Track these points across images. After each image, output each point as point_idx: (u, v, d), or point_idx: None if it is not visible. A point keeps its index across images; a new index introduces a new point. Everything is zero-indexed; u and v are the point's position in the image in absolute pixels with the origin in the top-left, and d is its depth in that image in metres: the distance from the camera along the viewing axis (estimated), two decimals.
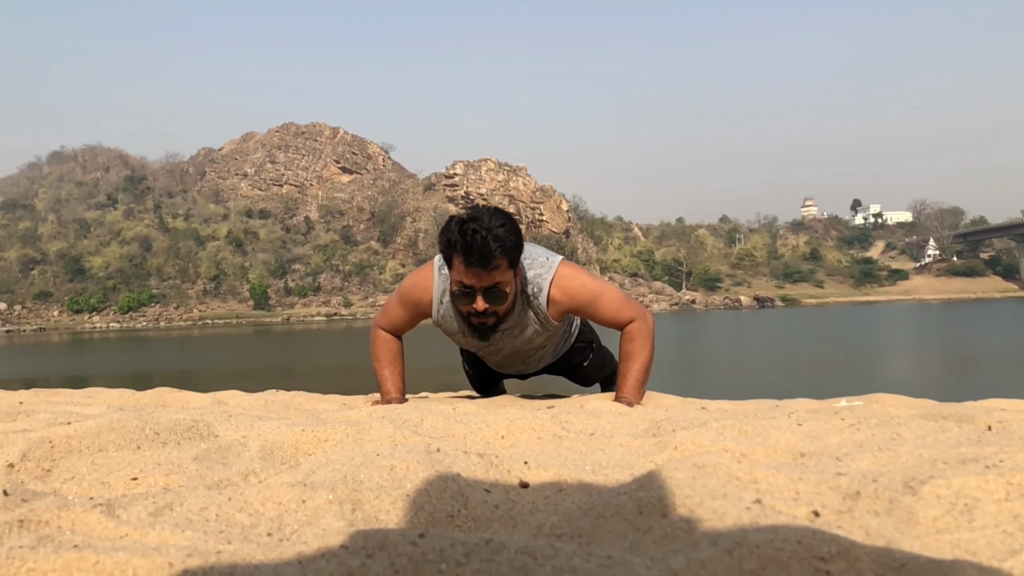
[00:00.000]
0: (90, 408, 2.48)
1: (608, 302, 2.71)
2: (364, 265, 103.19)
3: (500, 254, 2.39)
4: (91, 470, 1.38)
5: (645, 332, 2.72)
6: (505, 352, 2.89)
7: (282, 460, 1.55)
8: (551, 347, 3.00)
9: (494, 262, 2.39)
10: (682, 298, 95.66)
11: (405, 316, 2.84)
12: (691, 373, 15.48)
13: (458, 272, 2.46)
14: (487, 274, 2.42)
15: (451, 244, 2.43)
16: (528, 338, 2.78)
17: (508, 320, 2.67)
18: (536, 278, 2.66)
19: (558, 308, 2.69)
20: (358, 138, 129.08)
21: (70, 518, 0.98)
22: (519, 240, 2.49)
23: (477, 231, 2.37)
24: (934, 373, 14.35)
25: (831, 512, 1.04)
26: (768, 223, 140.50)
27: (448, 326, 2.77)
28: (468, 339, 2.79)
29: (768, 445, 1.58)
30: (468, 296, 2.49)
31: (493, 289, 2.47)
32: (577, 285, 2.69)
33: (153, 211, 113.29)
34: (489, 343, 2.77)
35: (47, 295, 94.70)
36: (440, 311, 2.73)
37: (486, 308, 2.51)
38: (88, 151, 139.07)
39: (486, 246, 2.36)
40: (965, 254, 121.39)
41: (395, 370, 2.87)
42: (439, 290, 2.71)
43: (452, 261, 2.47)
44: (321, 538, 0.84)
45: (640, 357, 2.70)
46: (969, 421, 1.94)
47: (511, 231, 2.45)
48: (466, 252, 2.38)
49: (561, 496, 1.21)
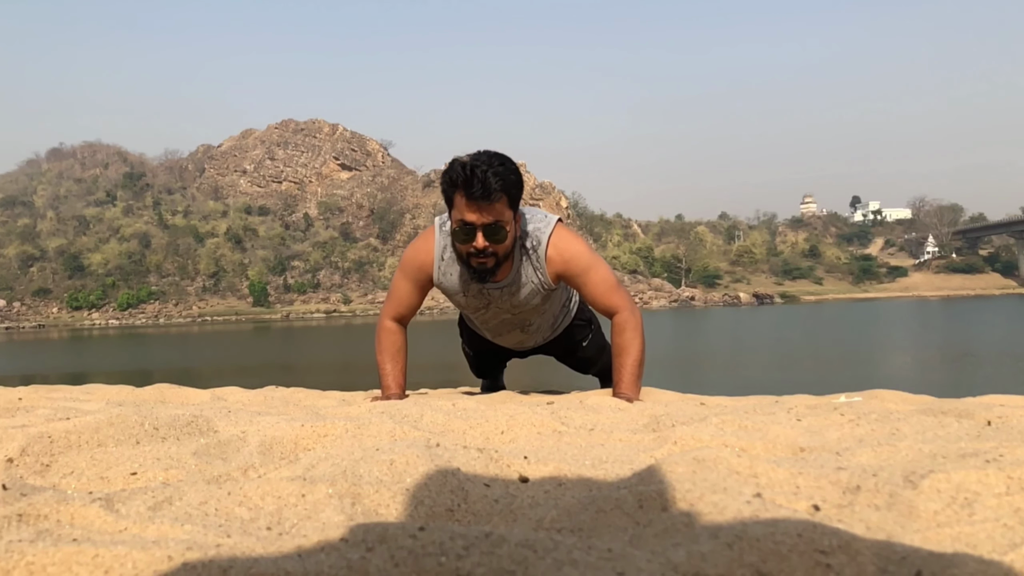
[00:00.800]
0: (89, 404, 2.47)
1: (601, 278, 2.72)
2: (363, 262, 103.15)
3: (501, 188, 2.45)
4: (90, 465, 1.38)
5: (634, 324, 2.73)
6: (503, 315, 2.88)
7: (281, 455, 1.55)
8: (549, 316, 3.00)
9: (495, 195, 2.44)
10: (681, 295, 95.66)
11: (409, 289, 2.84)
12: (690, 370, 15.49)
13: (459, 209, 2.50)
14: (488, 206, 2.46)
15: (453, 181, 2.48)
16: (525, 298, 2.78)
17: (507, 275, 2.69)
18: (535, 231, 2.69)
19: (553, 269, 2.71)
20: (357, 135, 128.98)
21: (69, 512, 0.98)
22: (519, 179, 2.54)
23: (478, 166, 2.44)
24: (933, 370, 14.36)
25: (831, 506, 1.04)
26: (767, 220, 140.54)
27: (448, 283, 2.77)
28: (468, 298, 2.80)
29: (768, 440, 1.58)
30: (468, 234, 2.52)
31: (493, 226, 2.50)
32: (575, 250, 2.71)
33: (152, 208, 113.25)
34: (489, 301, 2.78)
35: (46, 292, 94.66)
36: (441, 268, 2.75)
37: (486, 246, 2.52)
38: (87, 148, 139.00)
39: (487, 179, 2.42)
40: (964, 251, 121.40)
41: (397, 365, 2.87)
42: (440, 246, 2.73)
43: (453, 200, 2.52)
44: (321, 532, 0.83)
45: (633, 350, 2.70)
46: (968, 416, 1.94)
47: (512, 170, 2.51)
48: (467, 185, 2.44)
49: (561, 491, 1.20)
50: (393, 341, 2.88)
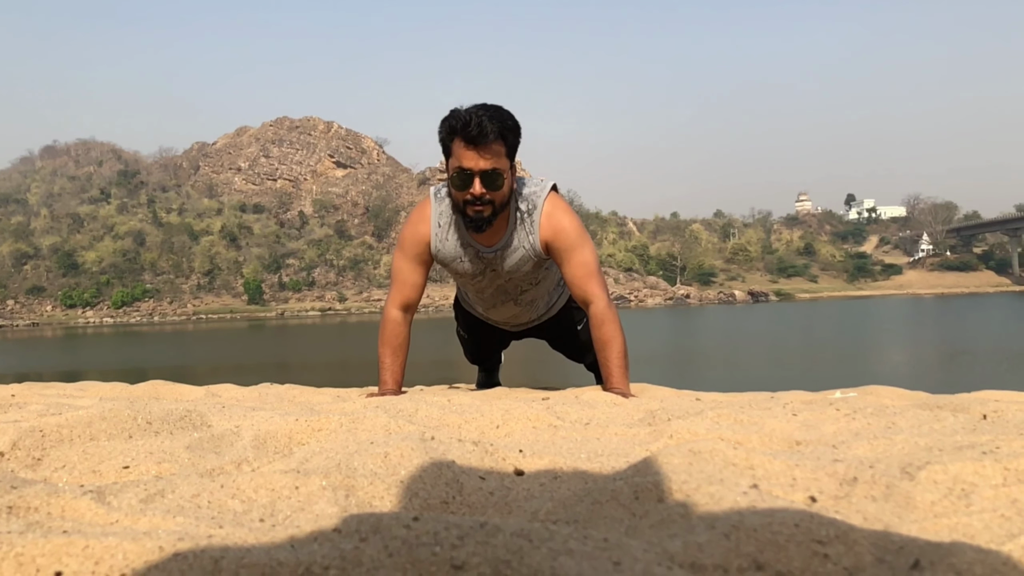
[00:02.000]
0: (82, 401, 2.46)
1: (583, 260, 2.71)
2: (358, 260, 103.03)
3: (498, 132, 2.47)
4: (82, 459, 1.37)
5: (612, 316, 2.72)
6: (498, 281, 2.88)
7: (275, 449, 1.54)
8: (543, 290, 3.01)
9: (492, 136, 2.46)
10: (676, 292, 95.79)
11: (410, 267, 2.84)
12: (685, 367, 15.51)
13: (456, 157, 2.51)
14: (486, 148, 2.47)
15: (452, 128, 2.50)
16: (518, 263, 2.78)
17: (501, 237, 2.71)
18: (531, 195, 2.70)
19: (543, 236, 2.71)
20: (352, 132, 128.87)
21: (60, 504, 0.97)
22: (517, 127, 2.56)
23: (476, 112, 2.46)
24: (927, 367, 14.40)
25: (828, 497, 1.04)
26: (762, 218, 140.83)
27: (446, 250, 2.78)
28: (465, 263, 2.80)
29: (764, 433, 1.58)
30: (466, 180, 2.52)
31: (491, 173, 2.50)
32: (565, 223, 2.71)
33: (146, 206, 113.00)
34: (484, 267, 2.78)
35: (40, 290, 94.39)
36: (438, 236, 2.76)
37: (483, 192, 2.52)
38: (81, 145, 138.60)
39: (483, 122, 2.44)
40: (958, 249, 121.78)
41: (397, 360, 2.86)
42: (436, 213, 2.75)
43: (451, 148, 2.53)
44: (314, 523, 0.83)
45: (616, 342, 2.69)
46: (964, 410, 1.94)
47: (509, 116, 2.54)
48: (465, 127, 2.45)
49: (556, 483, 1.20)
50: (396, 334, 2.87)
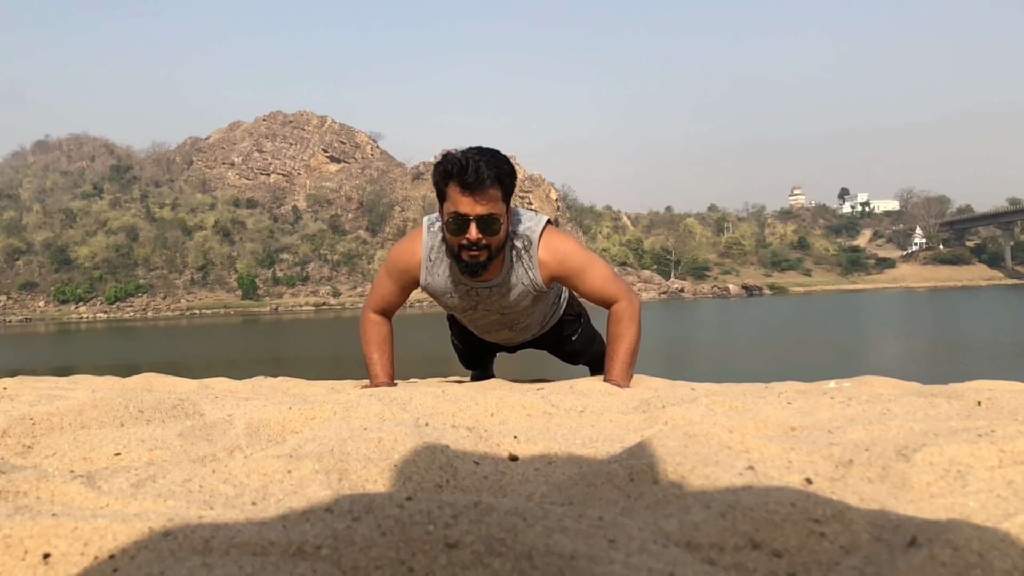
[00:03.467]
0: (74, 392, 2.45)
1: (597, 274, 2.68)
2: (352, 255, 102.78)
3: (495, 177, 2.43)
4: (73, 446, 1.36)
5: (631, 313, 2.70)
6: (492, 316, 2.85)
7: (268, 437, 1.53)
8: (539, 315, 2.97)
9: (488, 183, 2.42)
10: (671, 287, 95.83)
11: (394, 288, 2.81)
12: (679, 360, 15.52)
13: (452, 201, 2.46)
14: (482, 194, 2.43)
15: (447, 172, 2.45)
16: (516, 299, 2.74)
17: (497, 275, 2.65)
18: (526, 231, 2.65)
19: (547, 271, 2.67)
20: (346, 127, 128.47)
21: (49, 488, 0.96)
22: (512, 172, 2.52)
23: (472, 157, 2.41)
24: (921, 359, 14.44)
25: (824, 479, 1.03)
26: (756, 212, 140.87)
27: (436, 284, 2.73)
28: (456, 299, 2.75)
29: (759, 420, 1.57)
30: (461, 225, 2.48)
31: (487, 218, 2.46)
32: (567, 249, 2.67)
33: (140, 201, 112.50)
34: (477, 302, 2.74)
35: (33, 286, 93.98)
36: (428, 269, 2.71)
37: (479, 238, 2.48)
38: (73, 140, 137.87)
39: (480, 167, 2.40)
40: (951, 242, 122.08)
41: (384, 354, 2.84)
42: (427, 247, 2.69)
43: (446, 192, 2.48)
44: (307, 505, 0.82)
45: (627, 339, 2.68)
46: (958, 398, 1.94)
47: (504, 161, 2.49)
48: (461, 173, 2.40)
49: (551, 468, 1.19)
50: (379, 331, 2.85)
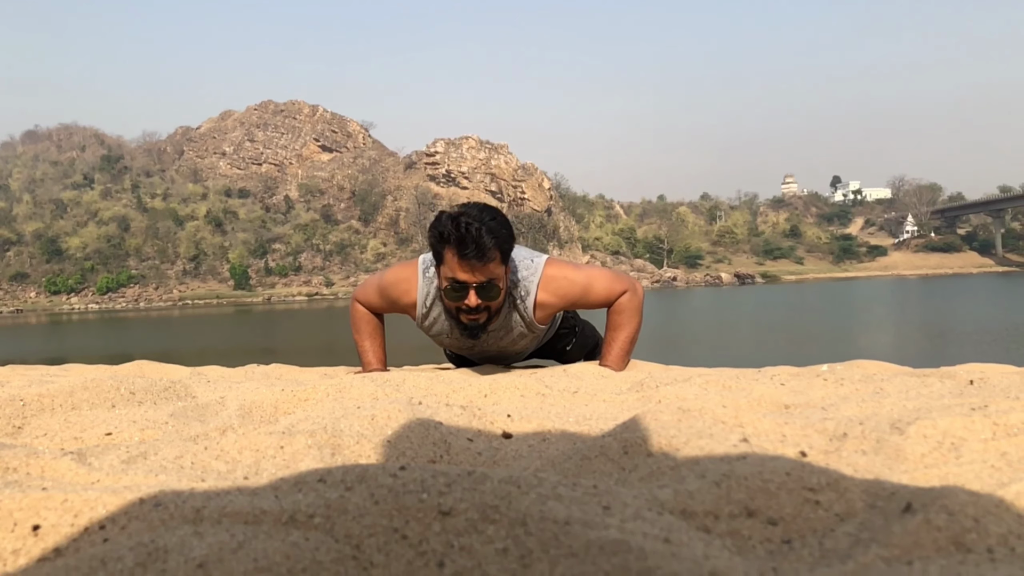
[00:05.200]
0: (65, 377, 2.44)
1: (599, 288, 2.67)
2: (345, 244, 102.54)
3: (494, 246, 2.35)
4: (64, 427, 1.35)
5: (635, 304, 2.70)
6: (490, 352, 2.86)
7: (261, 418, 1.52)
8: (535, 345, 2.98)
9: (489, 254, 2.35)
10: (663, 275, 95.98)
11: (383, 305, 2.81)
12: (672, 347, 15.55)
13: (450, 267, 2.40)
14: (481, 267, 2.37)
15: (444, 237, 2.36)
16: (513, 340, 2.75)
17: (495, 321, 2.63)
18: (523, 281, 2.61)
19: (548, 311, 2.66)
20: (338, 116, 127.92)
21: (39, 465, 0.95)
22: (511, 234, 2.45)
23: (471, 224, 2.31)
24: (912, 345, 14.51)
25: (818, 452, 1.03)
26: (749, 200, 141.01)
27: (433, 328, 2.72)
28: (452, 340, 2.74)
29: (752, 398, 1.57)
30: (460, 292, 2.43)
31: (486, 285, 2.42)
32: (566, 285, 2.64)
33: (131, 191, 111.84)
34: (474, 344, 2.73)
35: (24, 276, 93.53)
36: (424, 313, 2.68)
37: (479, 303, 2.45)
38: (63, 130, 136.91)
39: (480, 238, 2.31)
40: (942, 230, 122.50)
41: (376, 341, 2.83)
42: (423, 293, 2.65)
43: (443, 256, 2.40)
44: (299, 477, 0.81)
45: (627, 328, 2.68)
46: (951, 378, 1.94)
47: (503, 224, 2.41)
48: (460, 244, 2.33)
49: (545, 445, 1.19)
50: (369, 320, 2.84)
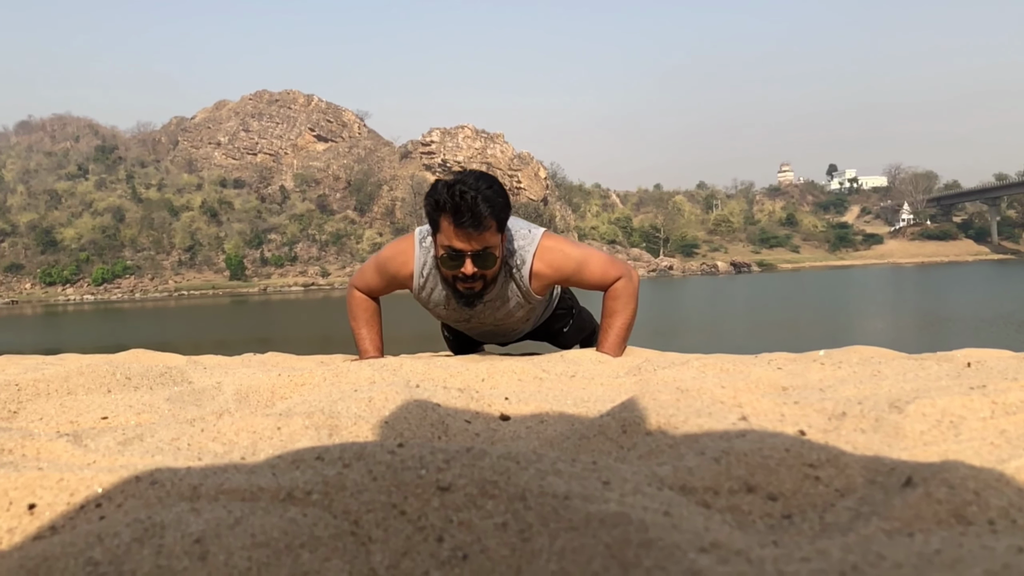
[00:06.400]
0: (62, 364, 2.43)
1: (594, 267, 2.67)
2: (341, 234, 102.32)
3: (490, 215, 2.34)
4: (60, 411, 1.34)
5: (630, 290, 2.70)
6: (486, 326, 2.86)
7: (258, 402, 1.51)
8: (532, 319, 2.98)
9: (485, 222, 2.34)
10: (659, 264, 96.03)
11: (382, 284, 2.80)
12: (668, 336, 15.56)
13: (446, 235, 2.40)
14: (477, 235, 2.37)
15: (439, 205, 2.36)
16: (510, 311, 2.75)
17: (491, 291, 2.63)
18: (520, 251, 2.61)
19: (543, 281, 2.66)
20: (333, 105, 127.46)
21: (35, 447, 0.95)
22: (507, 202, 2.45)
23: (466, 192, 2.31)
24: (908, 332, 14.55)
25: (817, 431, 1.03)
26: (745, 189, 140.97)
27: (429, 299, 2.72)
28: (448, 311, 2.75)
29: (750, 381, 1.57)
30: (456, 260, 2.44)
31: (482, 253, 2.42)
32: (561, 257, 2.65)
33: (125, 181, 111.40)
34: (471, 315, 2.74)
35: (18, 267, 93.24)
36: (421, 284, 2.68)
37: (475, 272, 2.45)
38: (57, 120, 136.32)
39: (476, 206, 2.31)
40: (938, 218, 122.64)
41: (373, 329, 2.83)
42: (420, 263, 2.65)
43: (439, 224, 2.40)
44: (296, 455, 0.81)
45: (623, 314, 2.68)
46: (948, 361, 1.95)
47: (499, 192, 2.40)
48: (456, 213, 2.32)
49: (543, 426, 1.18)
50: (366, 307, 2.83)
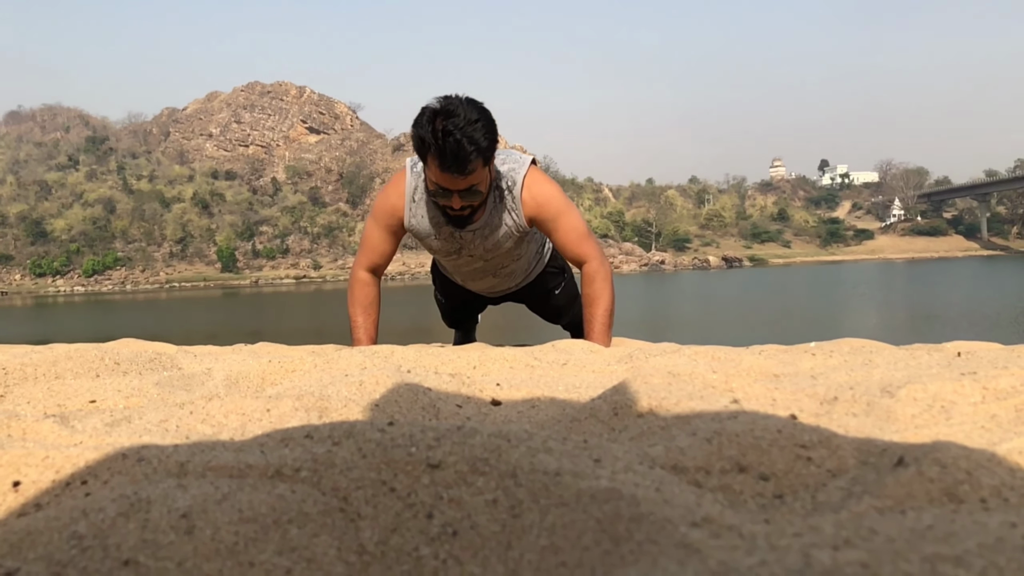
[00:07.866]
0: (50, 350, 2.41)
1: (572, 226, 2.68)
2: (333, 227, 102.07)
3: (476, 157, 2.34)
4: (47, 395, 1.33)
5: (604, 274, 2.70)
6: (476, 260, 2.84)
7: (248, 387, 1.51)
8: (523, 262, 2.97)
9: (469, 166, 2.34)
10: (651, 259, 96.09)
11: (382, 235, 2.78)
12: (660, 330, 15.59)
13: (433, 173, 2.42)
14: (462, 178, 2.39)
15: (424, 144, 2.35)
16: (499, 240, 2.73)
17: (480, 218, 2.64)
18: (510, 172, 2.63)
19: (526, 212, 2.66)
20: (325, 97, 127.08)
21: (21, 427, 0.94)
22: (494, 137, 2.42)
23: (451, 132, 2.28)
24: (899, 326, 14.61)
25: (809, 415, 1.03)
26: (737, 183, 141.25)
27: (420, 225, 2.71)
28: (440, 241, 2.74)
29: (742, 368, 1.57)
30: (444, 195, 2.47)
31: (469, 190, 2.45)
32: (547, 193, 2.65)
33: (116, 172, 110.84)
34: (461, 245, 2.73)
35: (8, 259, 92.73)
36: (412, 210, 2.69)
37: (462, 205, 2.49)
38: (47, 111, 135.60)
39: (460, 150, 2.29)
40: (929, 214, 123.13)
41: (369, 318, 2.82)
42: (411, 187, 2.66)
43: (427, 159, 2.41)
44: (285, 434, 0.80)
45: (603, 299, 2.68)
46: (939, 351, 1.95)
47: (486, 127, 2.36)
48: (440, 156, 2.32)
49: (534, 411, 1.18)
50: (366, 293, 2.83)
